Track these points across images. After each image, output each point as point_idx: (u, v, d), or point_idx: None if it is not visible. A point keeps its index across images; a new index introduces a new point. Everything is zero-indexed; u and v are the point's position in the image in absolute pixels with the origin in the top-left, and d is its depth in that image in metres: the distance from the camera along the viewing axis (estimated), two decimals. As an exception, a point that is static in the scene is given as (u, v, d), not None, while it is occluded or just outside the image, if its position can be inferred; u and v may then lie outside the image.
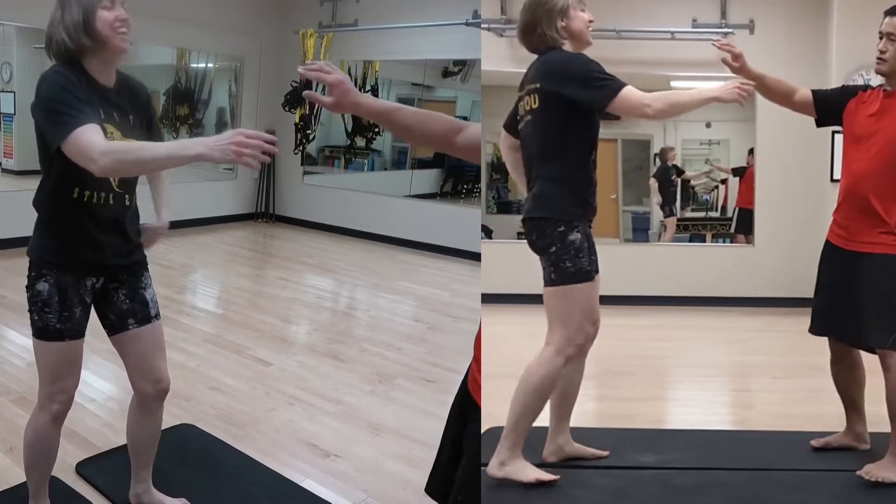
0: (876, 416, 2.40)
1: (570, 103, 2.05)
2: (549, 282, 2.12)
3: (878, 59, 2.18)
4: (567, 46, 2.13)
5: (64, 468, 2.65)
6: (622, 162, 6.28)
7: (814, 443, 2.47)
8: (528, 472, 2.15)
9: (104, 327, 2.12)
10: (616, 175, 6.23)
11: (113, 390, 3.44)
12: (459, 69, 8.26)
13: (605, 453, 2.30)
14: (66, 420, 3.02)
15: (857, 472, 2.18)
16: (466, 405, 1.45)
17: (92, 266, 2.01)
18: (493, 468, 2.14)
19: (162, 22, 7.16)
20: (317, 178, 8.98)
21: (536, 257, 2.15)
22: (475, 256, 6.83)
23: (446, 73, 8.37)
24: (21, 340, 4.05)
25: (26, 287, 2.00)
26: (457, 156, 1.63)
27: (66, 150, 1.71)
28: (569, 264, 2.08)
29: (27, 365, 3.70)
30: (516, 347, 4.27)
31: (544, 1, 2.12)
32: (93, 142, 1.68)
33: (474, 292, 5.75)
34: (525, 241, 2.22)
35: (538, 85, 2.08)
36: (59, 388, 2.04)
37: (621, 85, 2.03)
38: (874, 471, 2.17)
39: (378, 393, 3.61)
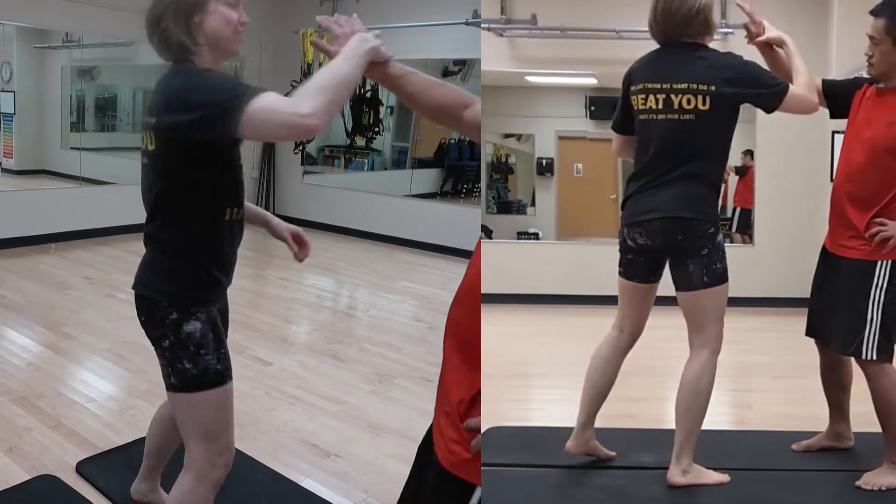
0: (866, 417, 2.40)
1: (737, 106, 2.09)
2: (701, 284, 2.09)
3: (868, 63, 2.18)
4: (701, 40, 2.12)
5: (64, 468, 2.65)
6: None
7: (795, 446, 2.48)
8: (711, 476, 2.18)
9: None
10: (616, 175, 6.23)
11: (113, 390, 3.45)
12: (459, 69, 8.26)
13: (613, 454, 2.30)
14: (66, 420, 3.04)
15: (857, 483, 2.19)
16: (428, 465, 1.26)
17: (223, 289, 1.83)
18: (676, 476, 2.14)
19: (162, 22, 7.16)
20: (317, 177, 8.98)
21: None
22: (475, 256, 6.83)
23: (446, 73, 8.36)
24: (21, 340, 4.05)
25: (162, 336, 1.68)
26: (460, 131, 1.59)
27: (250, 125, 1.42)
28: (718, 265, 2.09)
29: (27, 365, 3.70)
30: (516, 347, 4.28)
31: None
32: (282, 99, 1.42)
33: (474, 292, 5.74)
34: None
35: (713, 87, 2.06)
36: (223, 444, 1.79)
37: (787, 86, 2.08)
38: (873, 479, 2.18)
39: (378, 393, 3.61)
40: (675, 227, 2.08)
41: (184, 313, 1.67)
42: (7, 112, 7.07)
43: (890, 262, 2.12)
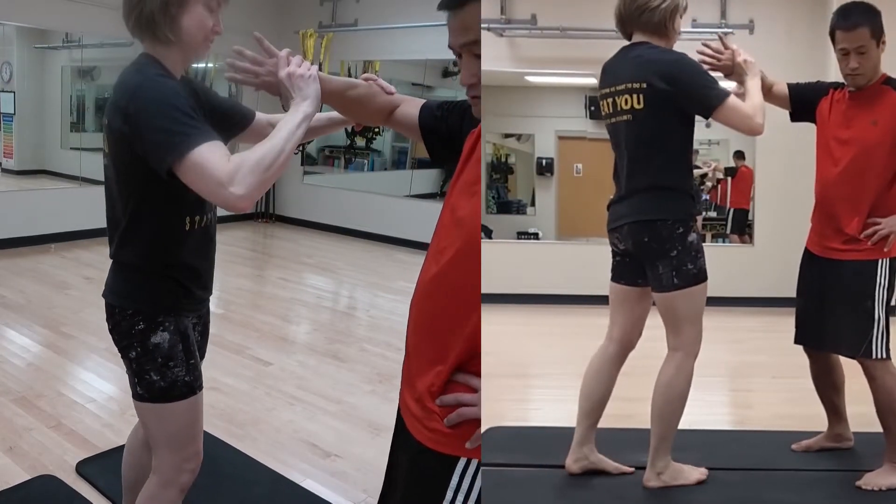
0: (865, 418, 2.40)
1: (675, 103, 2.01)
2: (671, 286, 2.05)
3: (855, 75, 2.14)
4: (654, 39, 2.05)
5: (64, 468, 2.65)
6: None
7: (795, 447, 2.48)
8: (689, 474, 2.17)
9: None
10: (616, 175, 6.24)
11: (113, 390, 3.44)
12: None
13: (631, 469, 2.25)
14: (67, 420, 3.05)
15: (857, 483, 2.19)
16: (401, 448, 1.32)
17: (199, 300, 1.74)
18: (652, 480, 2.13)
19: (162, 22, 7.17)
20: (317, 178, 8.98)
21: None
22: (475, 256, 6.82)
23: (446, 73, 8.37)
24: (21, 340, 4.05)
25: (128, 346, 1.64)
26: (391, 127, 1.64)
27: (183, 173, 1.37)
28: (690, 266, 2.05)
29: (27, 365, 3.70)
30: (516, 347, 4.28)
31: None
32: (223, 163, 1.35)
33: (474, 292, 5.74)
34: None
35: (644, 84, 1.99)
36: (191, 452, 1.73)
37: (726, 94, 1.98)
38: (873, 480, 2.18)
39: (378, 393, 3.61)
40: (642, 229, 2.06)
41: (151, 324, 1.61)
42: (7, 112, 7.07)
43: (889, 259, 2.13)
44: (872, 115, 2.13)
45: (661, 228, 2.04)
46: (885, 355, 2.13)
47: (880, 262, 2.13)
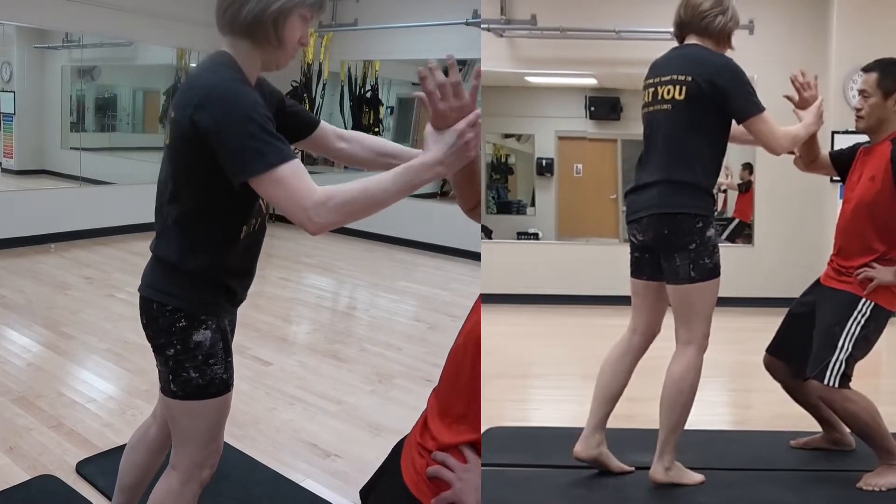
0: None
1: (716, 105, 2.07)
2: (688, 278, 2.08)
3: (857, 116, 2.26)
4: (709, 44, 2.13)
5: (64, 468, 2.65)
6: (622, 162, 6.29)
7: (793, 443, 2.52)
8: (693, 476, 2.18)
9: None
10: (616, 175, 6.23)
11: (113, 390, 3.45)
12: (459, 69, 8.25)
13: (630, 469, 2.27)
14: (66, 420, 3.05)
15: (857, 485, 2.21)
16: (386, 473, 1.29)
17: (239, 302, 1.75)
18: (659, 474, 2.14)
19: (162, 22, 7.17)
20: (317, 177, 8.73)
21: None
22: (475, 256, 6.84)
23: (447, 73, 8.37)
24: (21, 340, 4.05)
25: (166, 343, 1.60)
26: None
27: (263, 190, 1.36)
28: (707, 260, 2.08)
29: (27, 365, 3.70)
30: (516, 347, 4.29)
31: None
32: (310, 188, 1.34)
33: (474, 292, 5.75)
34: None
35: (689, 78, 2.06)
36: (213, 448, 1.74)
37: (763, 108, 2.07)
38: (873, 480, 2.21)
39: (378, 393, 3.61)
40: (661, 222, 2.09)
41: (194, 322, 1.58)
42: (7, 112, 7.06)
43: (873, 303, 2.18)
44: (872, 170, 2.23)
45: (682, 221, 2.08)
46: (836, 384, 2.16)
47: (863, 299, 2.19)
